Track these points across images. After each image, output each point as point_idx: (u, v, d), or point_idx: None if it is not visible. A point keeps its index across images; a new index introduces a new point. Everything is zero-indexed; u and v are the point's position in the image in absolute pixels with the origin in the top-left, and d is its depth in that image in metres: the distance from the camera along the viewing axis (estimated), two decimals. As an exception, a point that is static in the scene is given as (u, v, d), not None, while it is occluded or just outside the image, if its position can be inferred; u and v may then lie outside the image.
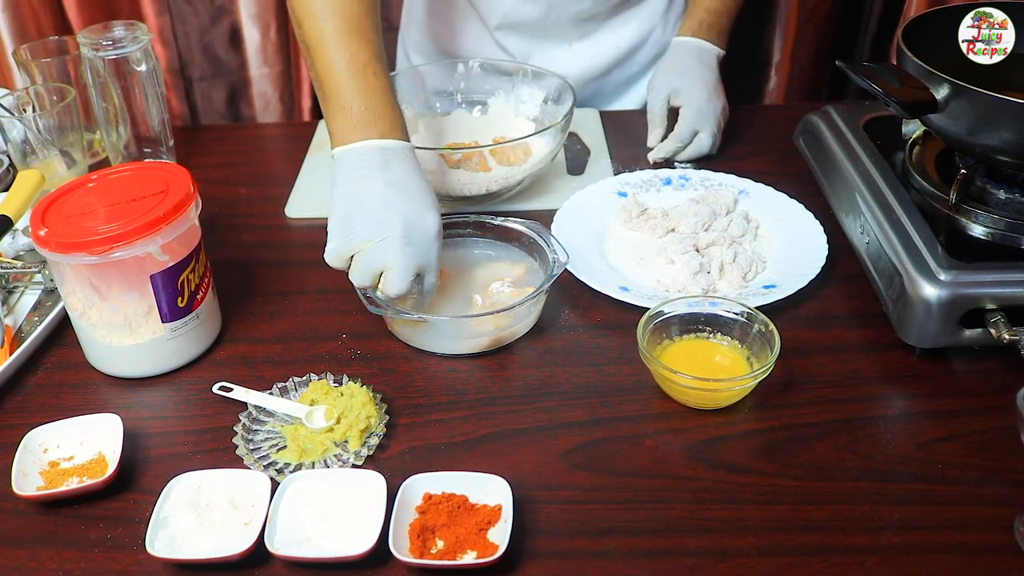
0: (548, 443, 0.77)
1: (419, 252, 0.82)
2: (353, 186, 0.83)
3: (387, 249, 0.81)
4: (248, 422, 0.79)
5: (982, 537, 0.68)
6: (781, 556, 0.67)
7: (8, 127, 1.12)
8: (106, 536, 0.70)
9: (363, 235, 0.81)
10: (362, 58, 0.87)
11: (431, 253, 0.83)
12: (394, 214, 0.81)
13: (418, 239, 0.82)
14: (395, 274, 0.81)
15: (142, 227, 0.78)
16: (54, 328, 0.91)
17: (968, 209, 0.89)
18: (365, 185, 0.82)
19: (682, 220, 1.02)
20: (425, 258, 0.83)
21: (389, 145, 0.85)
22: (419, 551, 0.66)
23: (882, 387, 0.83)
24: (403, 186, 0.83)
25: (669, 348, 0.84)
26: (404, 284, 0.82)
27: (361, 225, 0.81)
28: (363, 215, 0.81)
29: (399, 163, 0.85)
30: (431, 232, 0.82)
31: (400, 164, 0.85)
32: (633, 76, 1.36)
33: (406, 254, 0.81)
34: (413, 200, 0.82)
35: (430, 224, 0.82)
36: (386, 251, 0.81)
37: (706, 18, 1.21)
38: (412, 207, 0.82)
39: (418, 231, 0.82)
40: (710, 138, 1.16)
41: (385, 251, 0.81)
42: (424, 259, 0.83)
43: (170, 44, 1.59)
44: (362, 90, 0.86)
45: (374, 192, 0.82)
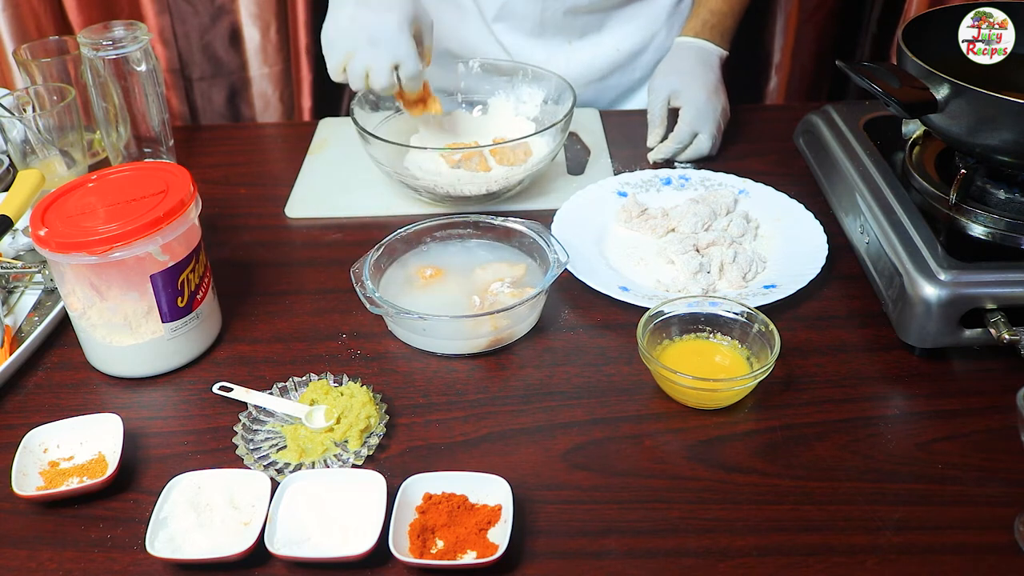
0: (548, 443, 0.77)
1: (386, 50, 0.99)
2: (332, 13, 1.02)
3: (361, 55, 1.00)
4: (248, 422, 0.79)
5: (982, 537, 0.68)
6: (781, 556, 0.67)
7: (8, 127, 1.12)
8: (106, 536, 0.70)
9: (342, 50, 1.00)
10: None
11: (399, 47, 0.99)
12: (358, 25, 0.99)
13: (383, 38, 0.99)
14: (374, 73, 1.00)
15: (142, 227, 0.78)
16: (54, 328, 0.91)
17: (968, 209, 0.89)
18: (338, 12, 1.02)
19: (682, 220, 1.02)
20: (394, 53, 0.99)
21: None
22: (419, 551, 0.66)
23: (882, 387, 0.83)
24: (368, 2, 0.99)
25: (669, 348, 0.84)
26: (384, 78, 1.00)
27: (338, 43, 1.01)
28: (338, 34, 1.01)
29: None
30: (392, 28, 0.98)
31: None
32: (635, 82, 1.36)
33: (376, 54, 0.99)
34: (375, 10, 0.99)
35: (390, 21, 0.98)
36: (361, 57, 1.00)
37: (709, 19, 1.21)
38: (374, 15, 0.99)
39: (381, 32, 0.99)
40: (710, 139, 1.16)
41: (361, 57, 1.00)
42: (393, 54, 0.99)
43: (170, 44, 1.59)
44: None
45: (343, 14, 1.00)
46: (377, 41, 0.99)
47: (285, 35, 1.61)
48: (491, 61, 1.24)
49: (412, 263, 0.96)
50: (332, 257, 1.02)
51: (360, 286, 0.87)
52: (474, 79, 1.24)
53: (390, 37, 0.99)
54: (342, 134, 1.28)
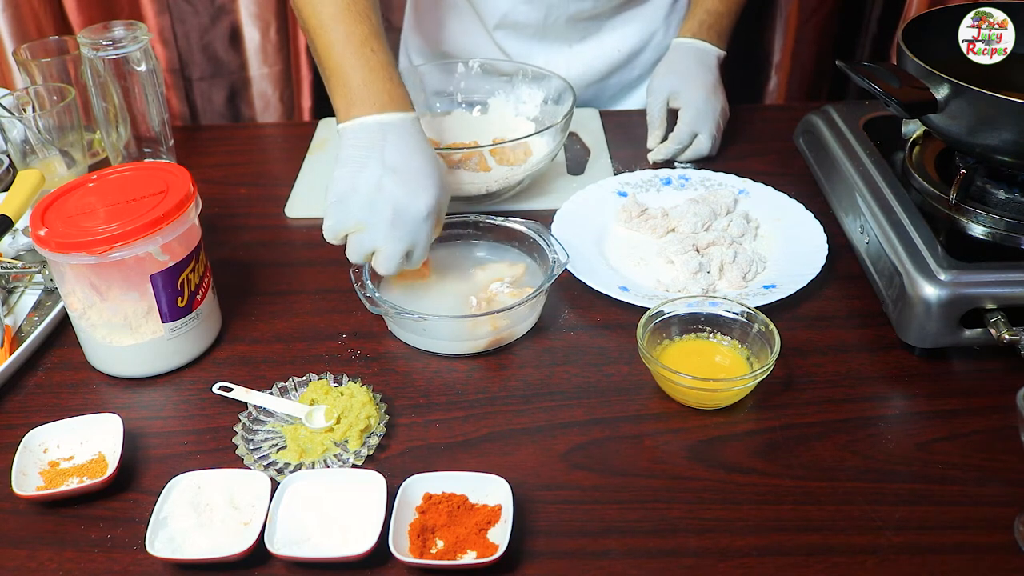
0: (548, 443, 0.77)
1: (406, 235, 0.85)
2: (350, 167, 0.85)
3: (376, 234, 0.84)
4: (248, 422, 0.79)
5: (982, 537, 0.68)
6: (781, 556, 0.67)
7: (8, 127, 1.12)
8: (106, 536, 0.70)
9: (355, 219, 0.84)
10: (359, 36, 0.89)
11: (419, 234, 0.86)
12: (384, 200, 0.84)
13: (406, 223, 0.84)
14: (383, 256, 0.85)
15: (142, 227, 0.78)
16: (54, 328, 0.91)
17: (968, 209, 0.89)
18: (361, 168, 0.85)
19: (682, 220, 1.02)
20: (412, 240, 0.86)
21: (388, 120, 0.87)
22: (419, 551, 0.66)
23: (882, 387, 0.83)
24: (399, 167, 0.85)
25: (669, 348, 0.84)
26: (392, 265, 0.85)
27: (353, 210, 0.84)
28: (356, 200, 0.84)
29: (397, 139, 0.86)
30: (420, 215, 0.85)
31: (398, 140, 0.86)
32: (634, 80, 1.36)
33: (393, 238, 0.84)
34: (407, 183, 0.84)
35: (419, 207, 0.84)
36: (375, 236, 0.84)
37: (707, 19, 1.21)
38: (403, 191, 0.84)
39: (406, 216, 0.84)
40: (709, 139, 1.16)
41: (375, 236, 0.84)
42: (412, 241, 0.86)
43: (170, 44, 1.59)
44: (360, 66, 0.88)
45: (368, 177, 0.84)
46: (399, 225, 0.84)
47: (285, 35, 1.61)
48: (491, 61, 1.24)
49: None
50: (332, 257, 1.02)
51: (360, 286, 0.87)
52: (474, 79, 1.24)
53: (415, 225, 0.85)
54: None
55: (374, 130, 0.86)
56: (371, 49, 0.89)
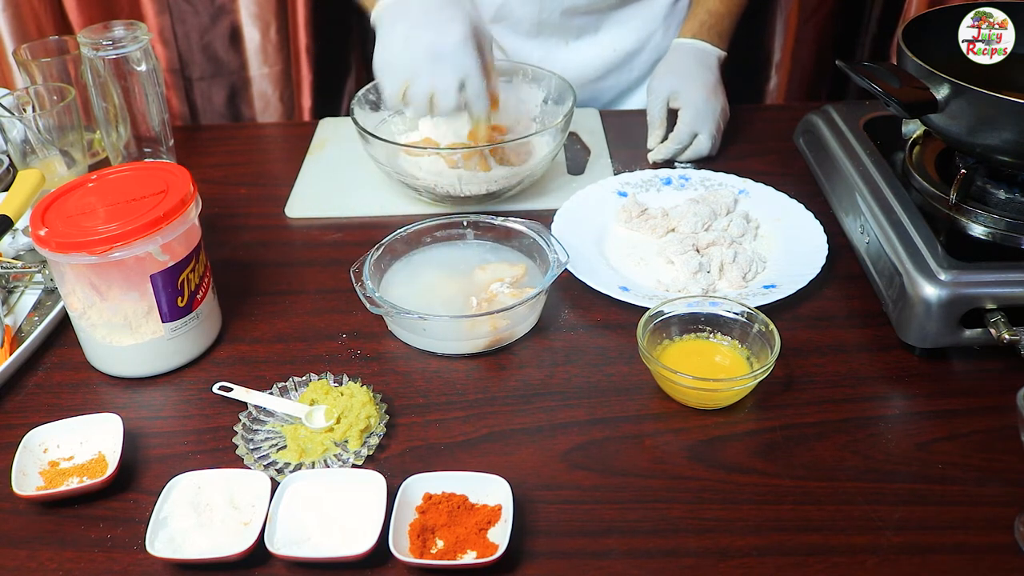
0: (548, 443, 0.77)
1: (451, 66, 0.87)
2: (383, 38, 0.91)
3: (422, 76, 0.86)
4: (248, 422, 0.79)
5: (982, 537, 0.68)
6: (781, 556, 0.67)
7: (8, 127, 1.12)
8: (106, 536, 0.70)
9: (400, 73, 0.89)
10: None
11: (464, 63, 0.86)
12: (415, 44, 0.86)
13: (445, 55, 0.87)
14: (439, 94, 0.87)
15: (142, 227, 0.78)
16: (54, 328, 0.91)
17: (968, 209, 0.89)
18: (389, 34, 0.90)
19: (682, 220, 1.02)
20: (459, 70, 0.87)
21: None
22: (419, 551, 0.66)
23: (882, 387, 0.83)
24: (423, 18, 0.87)
25: (669, 348, 0.84)
26: (451, 98, 0.87)
27: (395, 66, 0.89)
28: (391, 58, 0.89)
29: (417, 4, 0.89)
30: (455, 43, 0.86)
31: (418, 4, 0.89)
32: (632, 82, 1.36)
33: (439, 72, 0.87)
34: (433, 24, 0.88)
35: (451, 36, 0.86)
36: (423, 78, 0.86)
37: (707, 19, 1.21)
38: (431, 31, 0.87)
39: (442, 48, 0.86)
40: (709, 140, 1.16)
41: (422, 78, 0.86)
42: (459, 71, 0.86)
43: (170, 44, 1.59)
44: None
45: (396, 36, 0.89)
46: (440, 57, 0.88)
47: (285, 35, 1.61)
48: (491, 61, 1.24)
49: (412, 263, 0.96)
50: (332, 257, 1.02)
51: (360, 286, 0.87)
52: (474, 79, 1.24)
53: (454, 52, 0.88)
54: (342, 134, 1.28)
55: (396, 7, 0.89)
56: None
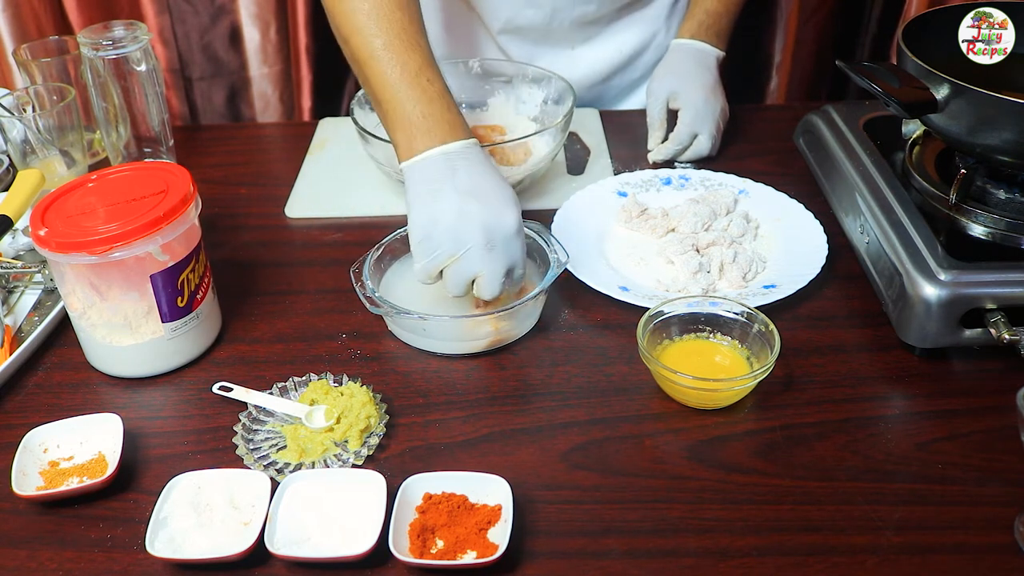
0: (548, 443, 0.77)
1: (504, 253, 0.82)
2: (426, 202, 0.82)
3: (472, 259, 0.81)
4: (248, 422, 0.79)
5: (982, 537, 0.68)
6: (781, 556, 0.67)
7: (8, 127, 1.12)
8: (106, 536, 0.70)
9: (446, 252, 0.81)
10: (413, 66, 0.86)
11: (515, 250, 0.83)
12: (471, 224, 0.80)
13: (500, 241, 0.81)
14: (486, 280, 0.82)
15: (142, 227, 0.78)
16: (54, 328, 0.91)
17: (968, 209, 0.89)
18: (438, 199, 0.81)
19: (682, 220, 1.02)
20: (511, 257, 0.83)
21: (452, 149, 0.84)
22: (419, 551, 0.66)
23: (882, 387, 0.83)
24: (475, 190, 0.82)
25: (669, 348, 0.84)
26: (497, 287, 0.83)
27: (443, 242, 0.81)
28: (442, 231, 0.81)
29: (466, 165, 0.84)
30: (511, 230, 0.82)
31: (468, 166, 0.84)
32: (636, 81, 1.36)
33: (492, 259, 0.81)
34: (488, 202, 0.81)
35: (509, 223, 0.81)
36: (472, 261, 0.81)
37: (705, 20, 1.21)
38: (488, 211, 0.81)
39: (499, 233, 0.81)
40: (709, 140, 1.16)
41: (471, 262, 0.81)
42: (510, 259, 0.83)
43: (170, 44, 1.59)
44: (419, 98, 0.85)
45: (448, 205, 0.81)
46: (495, 245, 0.81)
47: (285, 35, 1.61)
48: (491, 62, 1.24)
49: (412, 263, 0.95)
50: (332, 257, 1.02)
51: (360, 286, 0.87)
52: (474, 79, 1.24)
53: (508, 241, 0.81)
54: (342, 134, 1.28)
55: (440, 161, 0.83)
56: (427, 79, 0.86)
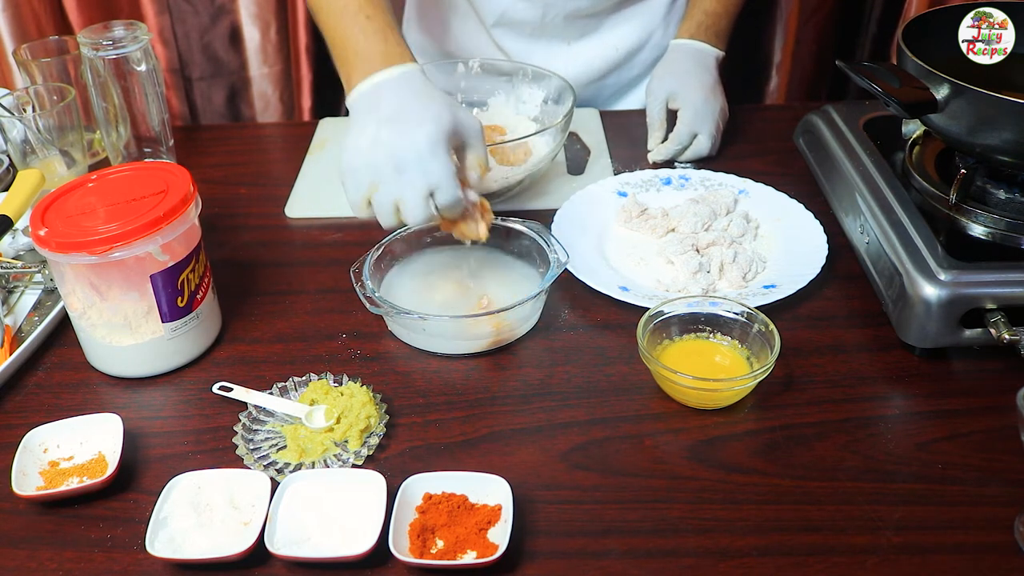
0: (548, 443, 0.77)
1: (418, 175, 0.80)
2: (351, 137, 0.83)
3: (388, 185, 0.81)
4: (248, 422, 0.79)
5: (982, 537, 0.68)
6: (781, 556, 0.67)
7: (8, 127, 1.12)
8: (106, 536, 0.70)
9: (365, 182, 0.82)
10: (354, 5, 0.88)
11: (433, 170, 0.80)
12: (381, 151, 0.80)
13: (411, 163, 0.80)
14: (406, 207, 0.81)
15: (142, 227, 0.78)
16: (54, 328, 0.91)
17: (968, 209, 0.89)
18: (359, 133, 0.83)
19: (682, 220, 1.02)
20: (427, 178, 0.81)
21: (383, 78, 0.84)
22: (419, 551, 0.66)
23: (882, 387, 0.83)
24: (395, 116, 0.81)
25: (669, 348, 0.84)
26: (419, 212, 0.81)
27: (360, 173, 0.82)
28: (358, 163, 0.82)
29: (391, 93, 0.83)
30: (419, 151, 0.80)
31: (393, 93, 0.83)
32: (633, 79, 1.36)
33: (405, 183, 0.80)
34: (401, 127, 0.80)
35: (417, 142, 0.80)
36: (388, 187, 0.81)
37: (704, 20, 1.21)
38: (399, 134, 0.80)
39: (408, 154, 0.80)
40: (709, 140, 1.16)
41: (387, 188, 0.81)
42: (427, 180, 0.81)
43: (170, 44, 1.59)
44: (356, 34, 0.87)
45: (364, 137, 0.82)
46: (404, 167, 0.80)
47: (285, 35, 1.61)
48: (491, 61, 1.24)
49: (412, 263, 0.96)
50: (332, 257, 1.02)
51: (360, 286, 0.87)
52: (474, 79, 1.24)
53: (420, 158, 0.80)
54: (342, 134, 1.27)
55: (370, 93, 0.84)
56: (366, 16, 0.88)
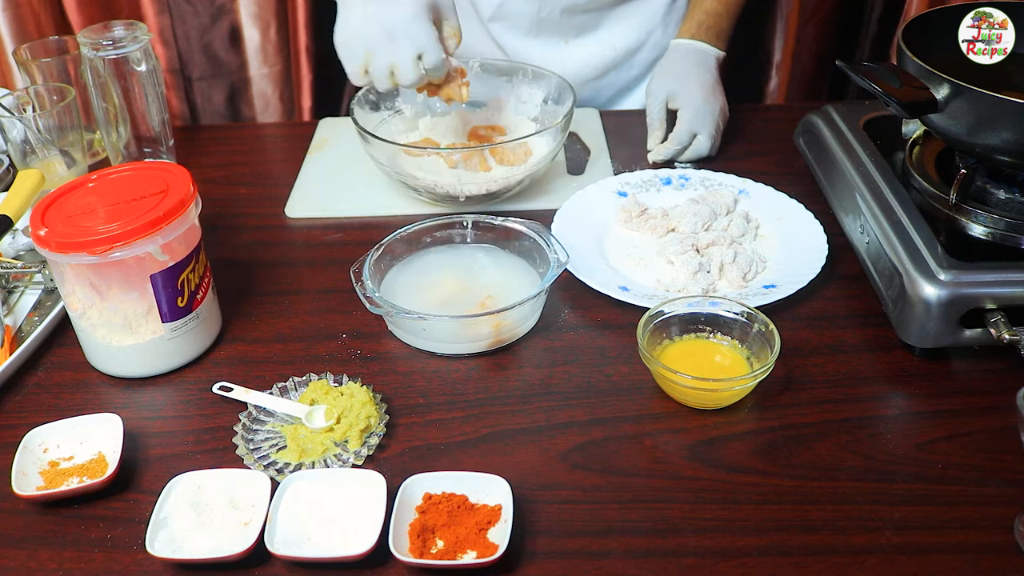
0: (548, 443, 0.77)
1: (407, 40, 0.93)
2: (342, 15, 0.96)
3: (381, 51, 0.93)
4: (248, 422, 0.79)
5: (982, 537, 0.68)
6: (781, 556, 0.67)
7: (8, 127, 1.12)
8: (106, 536, 0.70)
9: (359, 50, 0.94)
10: None
11: (419, 36, 0.93)
12: (371, 22, 0.93)
13: (400, 29, 0.93)
14: (398, 69, 0.94)
15: (142, 227, 0.78)
16: (54, 328, 0.91)
17: (968, 209, 0.89)
18: (347, 13, 0.95)
19: (682, 220, 1.02)
20: (415, 43, 0.93)
21: None
22: (419, 551, 0.66)
23: (882, 387, 0.83)
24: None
25: (669, 348, 0.84)
26: (410, 72, 0.95)
27: (353, 43, 0.94)
28: (350, 34, 0.95)
29: None
30: (407, 18, 0.92)
31: None
32: (632, 80, 1.36)
33: (397, 47, 0.93)
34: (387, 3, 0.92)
35: (404, 12, 0.92)
36: (382, 53, 0.94)
37: (705, 20, 1.21)
38: (386, 8, 0.92)
39: (397, 24, 0.92)
40: (709, 140, 1.16)
41: (381, 55, 0.94)
42: (415, 45, 0.93)
43: (170, 44, 1.59)
44: None
45: (354, 14, 0.94)
46: (394, 34, 0.94)
47: (285, 35, 1.61)
48: (491, 61, 1.24)
49: (412, 263, 0.96)
50: (332, 257, 1.02)
51: (360, 286, 0.87)
52: (473, 79, 1.24)
53: (406, 27, 0.94)
54: (342, 134, 1.28)
55: None
56: None
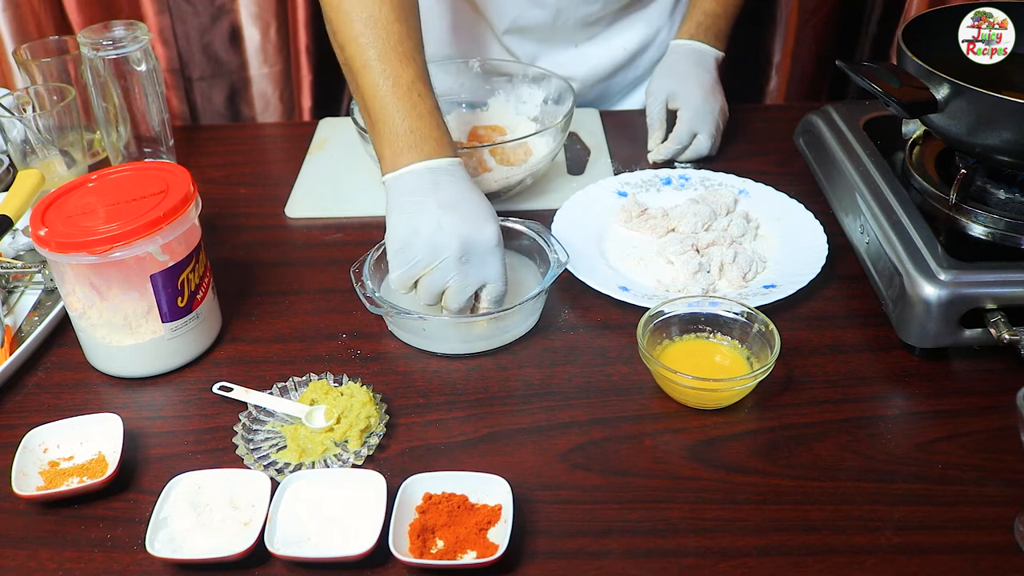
0: (548, 443, 0.77)
1: (478, 267, 0.83)
2: (406, 213, 0.83)
3: (446, 270, 0.82)
4: (248, 422, 0.79)
5: (982, 537, 0.68)
6: (781, 556, 0.67)
7: (8, 127, 1.12)
8: (106, 536, 0.70)
9: (423, 262, 0.82)
10: (406, 80, 0.87)
11: (491, 266, 0.84)
12: (449, 237, 0.81)
13: (476, 255, 0.82)
14: (453, 291, 0.83)
15: (142, 227, 0.78)
16: (54, 328, 0.91)
17: (968, 209, 0.89)
18: (418, 211, 0.83)
19: (682, 220, 1.02)
20: (484, 272, 0.84)
21: (437, 165, 0.85)
22: (419, 551, 0.66)
23: (882, 387, 0.83)
24: (456, 205, 0.83)
25: (669, 348, 0.84)
26: (462, 299, 0.84)
27: (420, 253, 0.82)
28: (420, 242, 0.82)
29: (449, 181, 0.84)
30: (489, 245, 0.83)
31: (451, 182, 0.84)
32: (639, 77, 1.36)
33: (464, 272, 0.82)
34: (468, 217, 0.82)
35: (487, 237, 0.82)
36: (446, 272, 0.82)
37: (704, 20, 1.21)
38: (467, 224, 0.82)
39: (475, 247, 0.82)
40: (709, 139, 1.16)
41: (445, 272, 0.82)
42: (484, 273, 0.84)
43: (170, 44, 1.59)
44: (408, 113, 0.86)
45: (428, 217, 0.82)
46: (469, 258, 0.82)
47: (285, 35, 1.61)
48: (491, 61, 1.24)
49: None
50: (332, 257, 1.02)
51: (360, 286, 0.87)
52: (474, 79, 1.24)
53: (485, 255, 0.83)
54: (342, 134, 1.28)
55: (424, 175, 0.84)
56: (418, 94, 0.87)
